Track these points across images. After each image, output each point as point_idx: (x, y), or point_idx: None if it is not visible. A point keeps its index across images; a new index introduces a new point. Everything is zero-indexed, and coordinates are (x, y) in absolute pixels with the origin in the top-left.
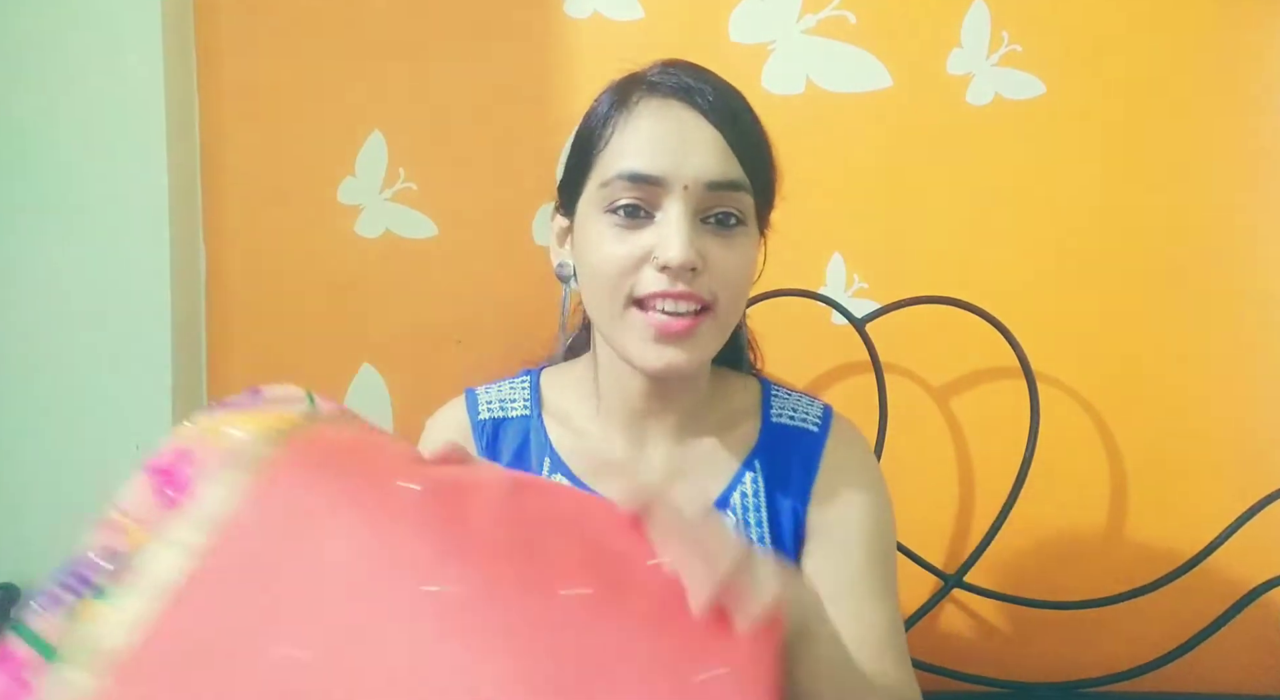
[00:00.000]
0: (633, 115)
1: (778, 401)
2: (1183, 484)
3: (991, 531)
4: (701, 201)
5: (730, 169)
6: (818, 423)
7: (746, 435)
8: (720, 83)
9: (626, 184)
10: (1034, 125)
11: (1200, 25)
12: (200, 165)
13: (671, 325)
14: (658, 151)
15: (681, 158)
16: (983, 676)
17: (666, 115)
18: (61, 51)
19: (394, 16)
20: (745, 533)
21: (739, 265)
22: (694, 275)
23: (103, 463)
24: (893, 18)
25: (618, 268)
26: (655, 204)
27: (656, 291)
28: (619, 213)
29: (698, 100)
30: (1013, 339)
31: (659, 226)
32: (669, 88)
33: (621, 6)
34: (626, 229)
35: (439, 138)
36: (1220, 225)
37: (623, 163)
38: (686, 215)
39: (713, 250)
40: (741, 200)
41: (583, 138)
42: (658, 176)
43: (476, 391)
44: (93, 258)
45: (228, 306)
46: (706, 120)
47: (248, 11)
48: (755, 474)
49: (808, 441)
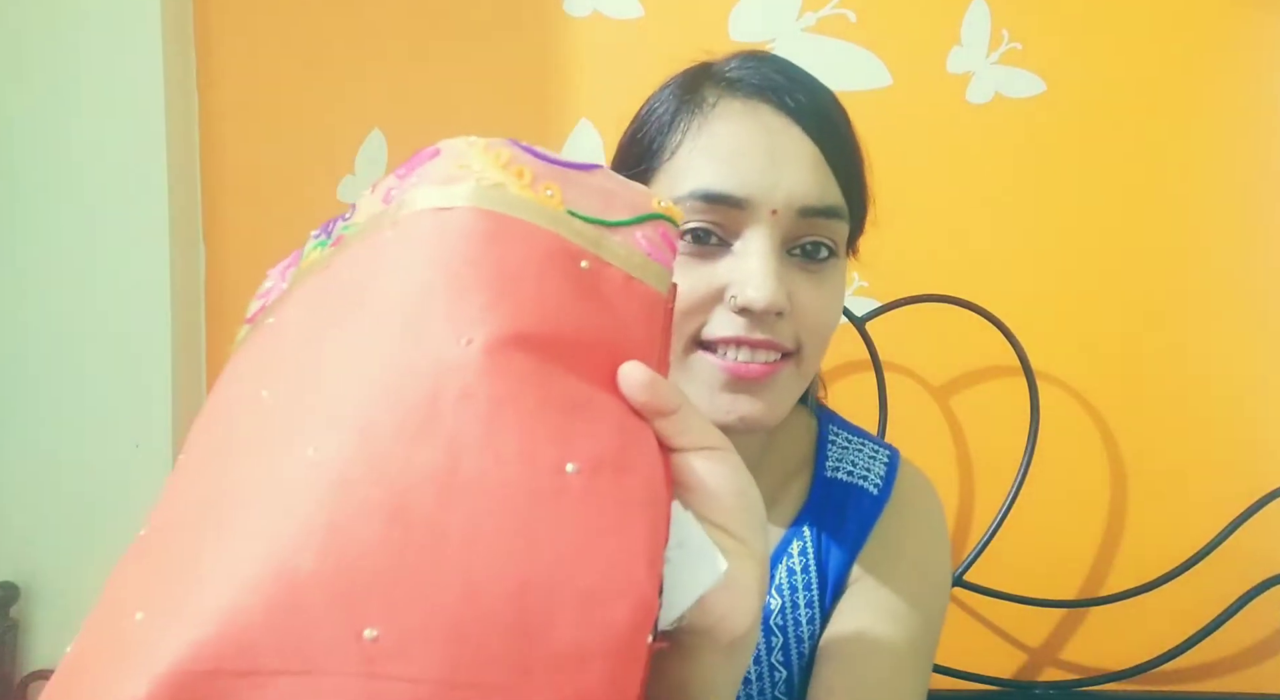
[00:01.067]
0: (709, 120)
1: (835, 450)
2: (1183, 484)
3: (991, 531)
4: (791, 230)
5: (829, 192)
6: (879, 484)
7: (797, 493)
8: (813, 82)
9: (701, 205)
10: (1034, 124)
11: (1201, 25)
12: (200, 165)
13: (747, 370)
14: (743, 167)
15: (773, 176)
16: (983, 676)
17: (753, 122)
18: (61, 51)
19: (394, 16)
20: (795, 614)
21: (829, 306)
22: (778, 319)
23: (103, 463)
24: (893, 16)
25: (684, 306)
26: (734, 231)
27: (730, 337)
28: (686, 238)
29: (790, 103)
30: (1013, 339)
31: (738, 258)
32: (754, 86)
33: (621, 5)
34: (696, 258)
35: (439, 138)
36: (1220, 225)
37: (697, 179)
38: (773, 247)
39: (801, 289)
40: (837, 229)
41: (641, 144)
42: (742, 198)
43: None
44: (93, 258)
45: (228, 306)
46: (802, 129)
47: (248, 11)
48: (804, 542)
49: (865, 505)
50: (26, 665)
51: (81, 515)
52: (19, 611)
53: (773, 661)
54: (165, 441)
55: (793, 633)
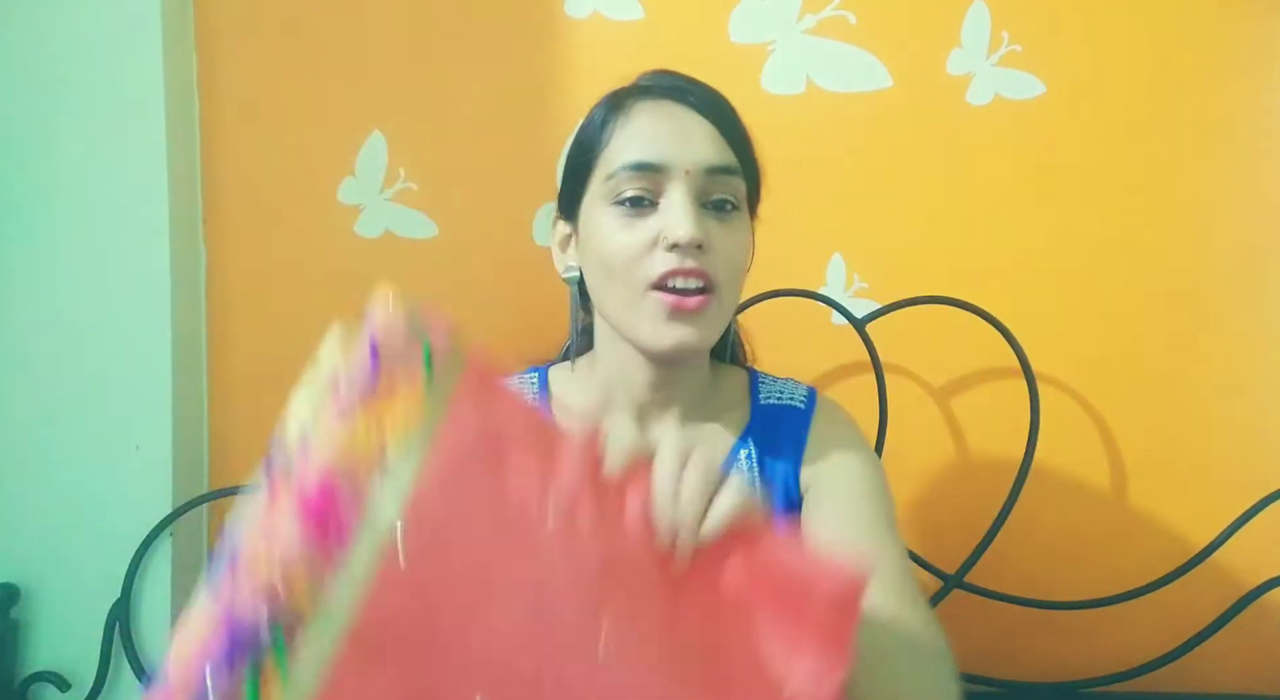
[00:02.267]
0: (630, 116)
1: (765, 386)
2: (1183, 484)
3: (991, 531)
4: (702, 186)
5: (726, 156)
6: (804, 400)
7: (739, 418)
8: (706, 85)
9: (631, 174)
10: (1034, 125)
11: (1201, 25)
12: (200, 165)
13: (684, 302)
14: (658, 141)
15: (681, 145)
16: (983, 676)
17: (662, 112)
18: (61, 52)
19: (394, 16)
20: None
21: (737, 247)
22: (700, 253)
23: (103, 463)
24: (893, 18)
25: (631, 254)
26: (659, 191)
27: (670, 270)
28: (625, 204)
29: (689, 98)
30: (1013, 339)
31: (664, 212)
32: (661, 89)
33: (621, 6)
34: (635, 217)
35: (439, 138)
36: (1220, 225)
37: (625, 155)
38: (690, 197)
39: (714, 231)
40: (737, 186)
41: (581, 145)
42: (660, 163)
43: None
44: (93, 258)
45: (228, 306)
46: (699, 114)
47: (248, 12)
48: (749, 450)
49: (795, 417)
50: (26, 666)
51: (81, 516)
52: (19, 612)
53: None
54: (165, 442)
55: None
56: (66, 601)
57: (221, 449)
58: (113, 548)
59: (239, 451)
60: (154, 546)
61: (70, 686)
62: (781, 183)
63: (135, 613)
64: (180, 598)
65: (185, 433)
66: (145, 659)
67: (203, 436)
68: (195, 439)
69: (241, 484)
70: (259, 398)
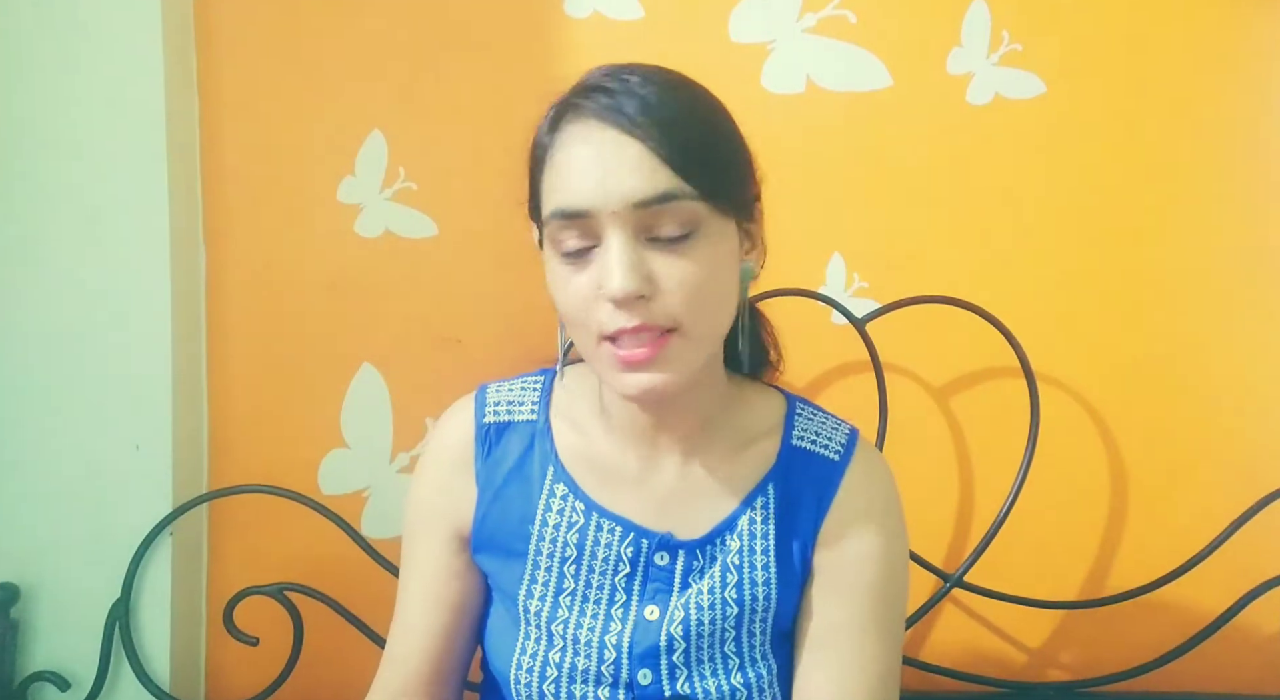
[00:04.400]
0: (556, 144)
1: (801, 422)
2: (1183, 484)
3: (991, 531)
4: (638, 223)
5: (658, 183)
6: (840, 451)
7: (764, 455)
8: (649, 86)
9: (561, 223)
10: (1034, 125)
11: (1201, 25)
12: (200, 165)
13: (632, 356)
14: (581, 182)
15: (603, 183)
16: (983, 676)
17: (587, 139)
18: (61, 53)
19: (394, 17)
20: (751, 559)
21: (700, 276)
22: (645, 302)
23: (103, 463)
24: (893, 17)
25: (578, 305)
26: (595, 235)
27: (614, 331)
28: (565, 255)
29: (617, 117)
30: (1013, 339)
31: (601, 257)
32: (590, 109)
33: (621, 6)
34: (575, 268)
35: (439, 138)
36: (1220, 225)
37: (554, 199)
38: (625, 242)
39: (663, 269)
40: (683, 210)
41: (531, 161)
42: (584, 209)
43: (488, 390)
44: (93, 258)
45: (228, 306)
46: (628, 135)
47: (248, 12)
48: (767, 499)
49: (826, 470)
50: (26, 665)
51: (81, 515)
52: (19, 612)
53: (725, 597)
54: (165, 442)
55: (747, 575)
56: (66, 601)
57: (221, 449)
58: (113, 548)
59: (239, 451)
60: (154, 546)
61: (70, 686)
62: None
63: (135, 612)
64: (180, 597)
65: (185, 433)
66: (145, 659)
67: (203, 436)
68: (195, 439)
69: (241, 484)
70: (259, 398)
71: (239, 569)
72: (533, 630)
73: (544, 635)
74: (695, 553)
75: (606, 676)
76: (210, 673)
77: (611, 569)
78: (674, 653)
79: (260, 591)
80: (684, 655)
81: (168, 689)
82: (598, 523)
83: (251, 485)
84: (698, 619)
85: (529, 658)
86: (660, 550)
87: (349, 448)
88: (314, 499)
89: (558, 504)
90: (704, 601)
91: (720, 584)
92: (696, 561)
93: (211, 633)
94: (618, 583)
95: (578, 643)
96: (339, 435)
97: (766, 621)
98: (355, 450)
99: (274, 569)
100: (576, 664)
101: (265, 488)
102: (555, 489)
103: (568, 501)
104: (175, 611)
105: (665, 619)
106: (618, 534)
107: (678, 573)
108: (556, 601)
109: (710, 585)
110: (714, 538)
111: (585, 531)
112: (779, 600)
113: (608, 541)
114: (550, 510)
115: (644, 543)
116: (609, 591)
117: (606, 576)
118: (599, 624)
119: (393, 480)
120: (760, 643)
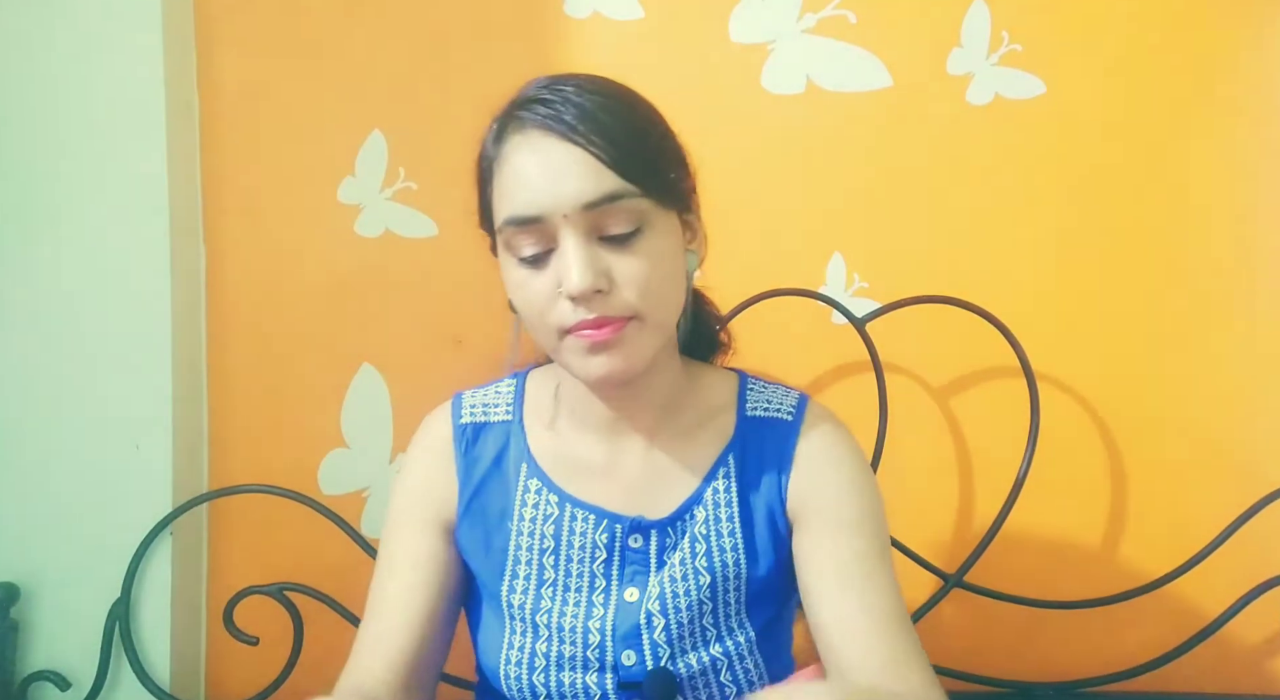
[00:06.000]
0: (502, 155)
1: (754, 394)
2: (1183, 484)
3: (991, 531)
4: (589, 224)
5: (603, 184)
6: (791, 412)
7: (722, 429)
8: (585, 94)
9: (515, 229)
10: (1034, 125)
11: (1201, 25)
12: (200, 165)
13: (597, 335)
14: (530, 190)
15: (553, 190)
16: (983, 676)
17: (532, 149)
18: (61, 51)
19: (394, 16)
20: (717, 527)
21: (649, 270)
22: (603, 297)
23: (103, 463)
24: (893, 18)
25: (538, 306)
26: (549, 239)
27: (574, 325)
28: (522, 259)
29: (557, 126)
30: (1013, 339)
31: (558, 260)
32: (531, 120)
33: (621, 6)
34: (533, 268)
35: (439, 138)
36: (1220, 225)
37: (505, 208)
38: (579, 242)
39: (616, 265)
40: (630, 208)
41: (479, 174)
42: (536, 215)
43: (464, 395)
44: (93, 258)
45: (228, 306)
46: (570, 142)
47: (248, 11)
48: (729, 469)
49: (781, 430)
50: (26, 666)
51: (81, 515)
52: (19, 612)
53: (696, 566)
54: (165, 442)
55: (715, 543)
56: (66, 601)
57: (221, 449)
58: (113, 547)
59: (239, 451)
60: (154, 546)
61: (70, 686)
62: (781, 183)
63: (135, 612)
64: (180, 597)
65: (185, 433)
66: (145, 658)
67: (203, 436)
68: (195, 439)
69: (241, 484)
70: (259, 398)
71: (239, 569)
72: (518, 624)
73: (529, 627)
74: (666, 530)
75: (593, 661)
76: (210, 672)
77: (589, 556)
78: (654, 631)
79: (260, 591)
80: (664, 632)
81: (168, 689)
82: (572, 513)
83: (251, 485)
84: (673, 592)
85: (516, 651)
86: (633, 533)
87: (349, 448)
88: (314, 499)
89: (533, 498)
90: (676, 574)
91: (690, 555)
92: (669, 538)
93: (211, 632)
94: (596, 569)
95: (562, 631)
96: (339, 435)
97: (740, 588)
98: (355, 450)
99: (274, 569)
100: (563, 652)
101: (265, 488)
102: (530, 484)
103: (542, 495)
104: (175, 611)
105: (643, 598)
106: (591, 522)
107: (652, 552)
108: (539, 593)
109: (681, 558)
110: (682, 514)
111: (560, 522)
112: (748, 564)
113: (583, 530)
114: (526, 505)
115: (617, 528)
116: (589, 578)
117: (585, 564)
118: (581, 611)
119: (393, 480)
120: (736, 612)
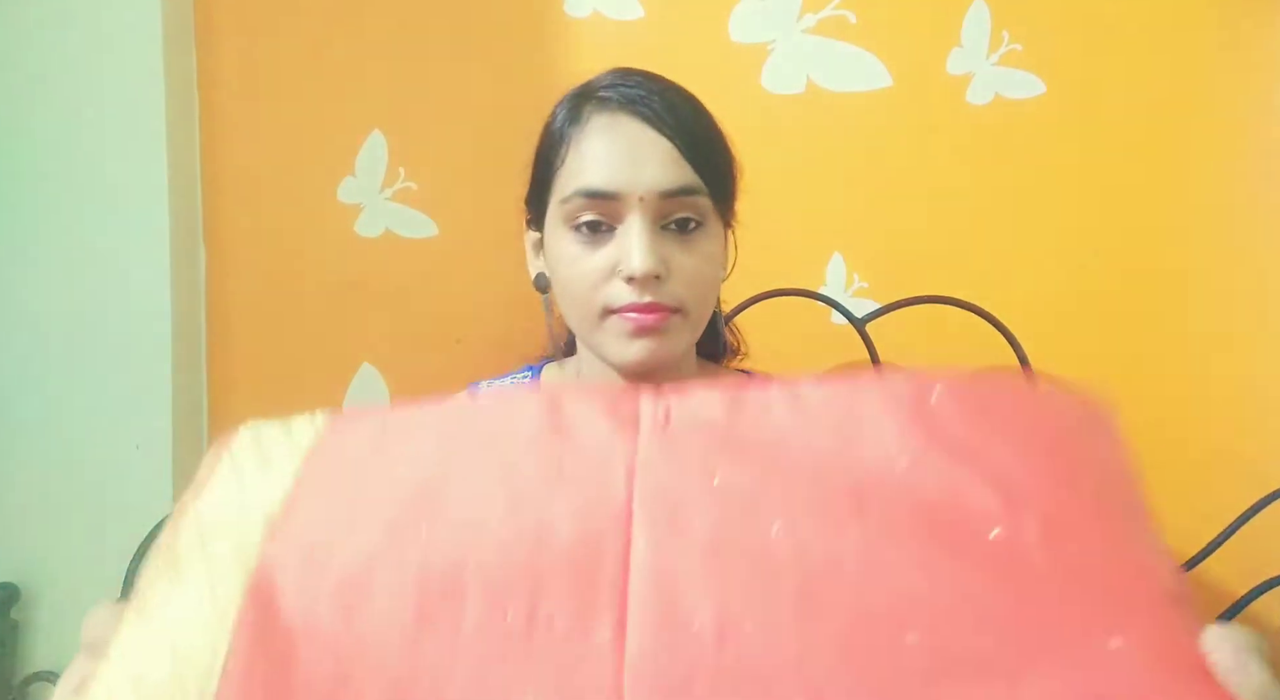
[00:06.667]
0: (584, 132)
1: None
2: (1183, 484)
3: None
4: (659, 210)
5: (683, 176)
6: None
7: None
8: (668, 89)
9: (585, 201)
10: (1034, 125)
11: (1201, 25)
12: (200, 165)
13: (644, 320)
14: (611, 167)
15: (634, 171)
16: None
17: (616, 129)
18: (61, 51)
19: (394, 16)
20: None
21: (701, 267)
22: (659, 283)
23: (103, 463)
24: (893, 18)
25: (589, 282)
26: (615, 217)
27: (625, 305)
28: (582, 229)
29: (645, 111)
30: (1013, 339)
31: (620, 239)
32: (617, 101)
33: (621, 6)
34: (591, 244)
35: (439, 138)
36: (1220, 225)
37: (579, 180)
38: (646, 226)
39: (675, 256)
40: (697, 204)
41: (542, 155)
42: (613, 192)
43: (480, 386)
44: (93, 258)
45: (228, 306)
46: (656, 130)
47: (248, 11)
48: None
49: None
50: (26, 666)
51: (81, 515)
52: (19, 612)
53: None
54: (165, 442)
55: None
56: (66, 601)
57: None
58: (113, 548)
59: None
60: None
61: None
62: (781, 183)
63: None
64: None
65: (185, 433)
66: None
67: (203, 436)
68: (195, 439)
69: None
70: (259, 398)
71: None
72: None
73: None
74: None
75: None
76: None
77: None
78: None
79: None
80: None
81: None
82: None
83: None
84: None
85: None
86: None
87: None
88: None
89: None
90: None
91: None
92: None
93: None
94: None
95: None
96: None
97: None
98: None
99: None
100: None
101: None
102: None
103: None
104: None
105: None
106: None
107: None
108: None
109: None
110: None
111: None
112: None
113: None
114: None
115: None
116: None
117: None
118: None
119: None
120: None
